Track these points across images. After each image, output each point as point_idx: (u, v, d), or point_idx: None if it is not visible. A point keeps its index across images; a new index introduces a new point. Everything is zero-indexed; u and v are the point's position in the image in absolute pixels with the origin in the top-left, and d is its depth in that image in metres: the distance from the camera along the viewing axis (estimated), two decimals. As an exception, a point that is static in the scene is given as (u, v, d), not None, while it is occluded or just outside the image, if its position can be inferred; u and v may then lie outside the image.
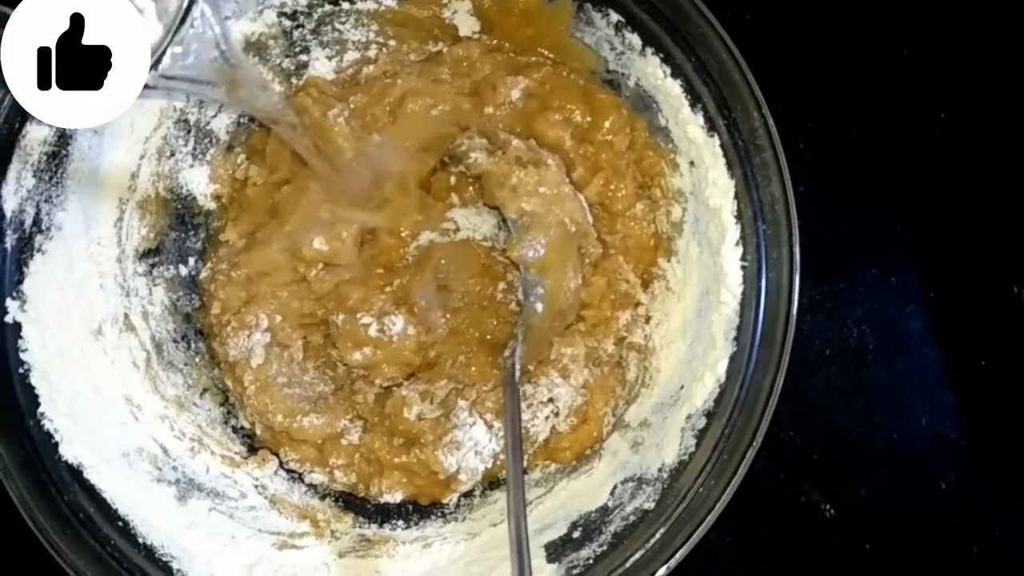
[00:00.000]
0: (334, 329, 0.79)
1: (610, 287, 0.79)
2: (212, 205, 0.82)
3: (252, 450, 0.80)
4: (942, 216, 0.87)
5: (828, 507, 0.85)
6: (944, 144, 0.87)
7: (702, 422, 0.71)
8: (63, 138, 0.70)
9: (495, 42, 0.81)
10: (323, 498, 0.79)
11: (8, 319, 0.68)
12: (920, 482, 0.85)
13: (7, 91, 0.65)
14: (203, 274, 0.81)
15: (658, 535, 0.68)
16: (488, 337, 0.79)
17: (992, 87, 0.87)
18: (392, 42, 0.82)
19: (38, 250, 0.70)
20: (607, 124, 0.78)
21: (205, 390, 0.80)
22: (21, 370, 0.68)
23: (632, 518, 0.71)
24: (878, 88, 0.87)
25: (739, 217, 0.71)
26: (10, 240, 0.68)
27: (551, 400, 0.78)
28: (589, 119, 0.78)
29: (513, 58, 0.80)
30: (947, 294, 0.87)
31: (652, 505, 0.70)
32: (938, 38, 0.87)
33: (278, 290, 0.79)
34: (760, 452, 0.67)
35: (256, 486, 0.78)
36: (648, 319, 0.79)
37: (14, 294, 0.68)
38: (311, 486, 0.80)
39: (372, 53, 0.82)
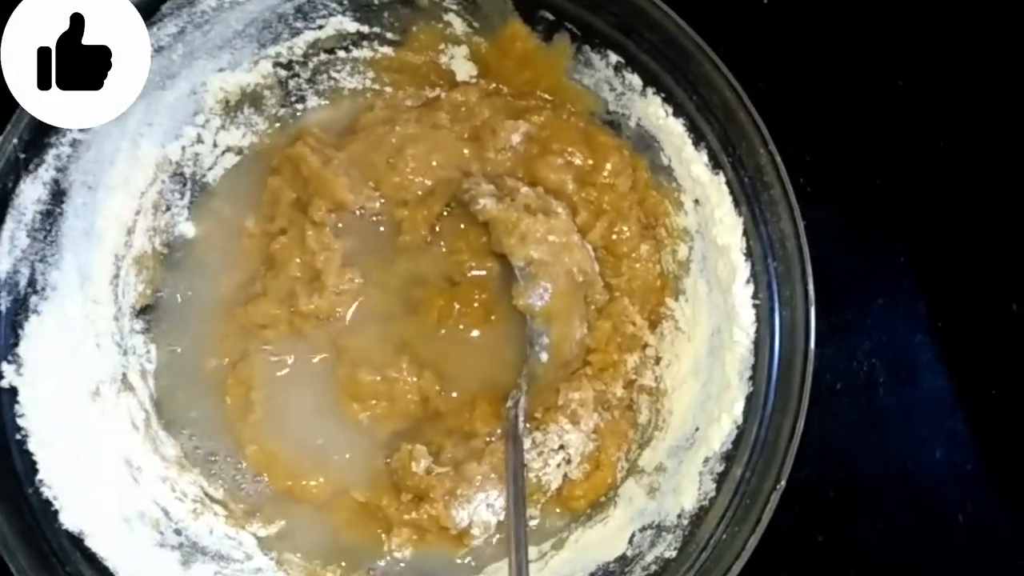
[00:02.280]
0: (334, 383, 0.77)
1: (616, 330, 0.78)
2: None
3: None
4: (946, 244, 0.87)
5: (847, 545, 0.83)
6: (944, 173, 0.87)
7: (721, 465, 0.69)
8: (57, 195, 0.68)
9: (493, 86, 0.80)
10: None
11: (4, 383, 0.65)
12: (937, 515, 0.84)
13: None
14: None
15: (682, 584, 0.66)
16: (490, 385, 0.78)
17: (990, 115, 0.87)
18: (388, 88, 0.81)
19: (33, 311, 0.68)
20: (609, 166, 0.77)
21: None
22: (18, 436, 0.65)
23: (654, 568, 0.69)
24: (875, 119, 0.87)
25: (749, 255, 0.70)
26: (4, 302, 0.66)
27: (562, 447, 0.77)
28: (591, 162, 0.78)
29: (512, 102, 0.79)
30: (955, 323, 0.86)
31: (674, 554, 0.68)
32: (933, 68, 0.88)
33: (276, 343, 0.77)
34: (774, 491, 0.66)
35: (261, 547, 0.76)
36: (658, 360, 0.78)
37: (9, 358, 0.66)
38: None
39: (368, 100, 0.81)
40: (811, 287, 0.66)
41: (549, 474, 0.77)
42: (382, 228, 0.79)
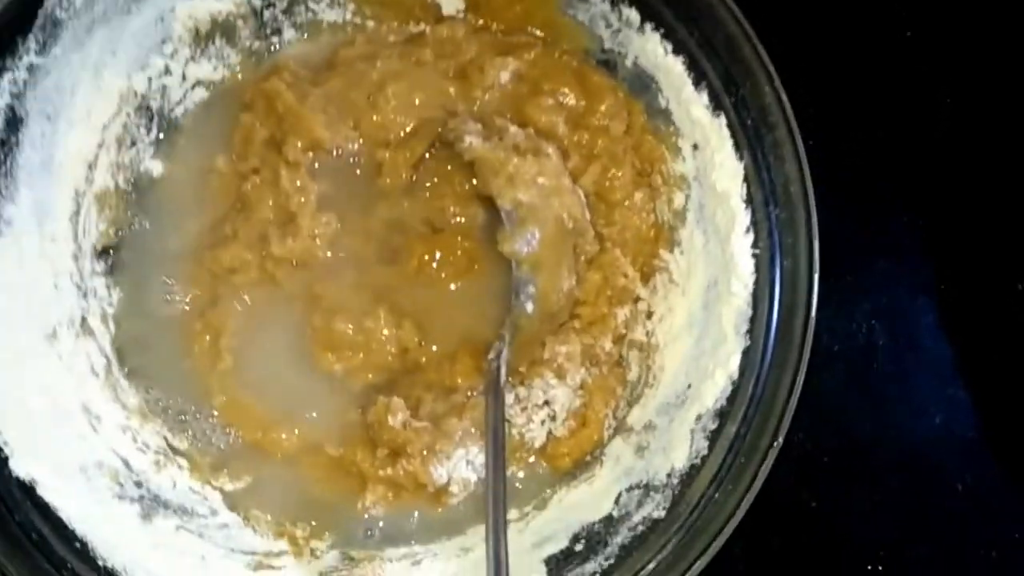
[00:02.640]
0: (308, 332, 0.73)
1: (606, 282, 0.74)
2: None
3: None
4: (951, 205, 0.83)
5: (841, 512, 0.80)
6: (952, 132, 0.84)
7: (714, 423, 0.66)
8: (12, 124, 0.64)
9: (481, 22, 0.76)
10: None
11: (-49, 322, 0.61)
12: (936, 484, 0.81)
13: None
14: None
15: (671, 546, 0.63)
16: (472, 338, 0.74)
17: (1000, 75, 0.84)
18: (370, 22, 0.77)
19: (-15, 246, 0.63)
20: (603, 108, 0.73)
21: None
22: (-34, 377, 0.61)
23: (641, 528, 0.65)
24: (883, 75, 0.83)
25: (749, 202, 0.66)
26: (-47, 234, 0.62)
27: (547, 403, 0.73)
28: (583, 103, 0.74)
29: (501, 38, 0.75)
30: (958, 286, 0.83)
31: (662, 514, 0.65)
32: (943, 21, 0.84)
33: (246, 289, 0.73)
34: (767, 456, 0.63)
35: (228, 503, 0.72)
36: (650, 315, 0.74)
37: (-43, 294, 0.62)
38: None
39: (348, 35, 0.77)
40: (815, 233, 0.62)
41: (533, 431, 0.73)
42: (360, 171, 0.75)
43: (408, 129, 0.74)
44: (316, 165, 0.74)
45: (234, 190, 0.74)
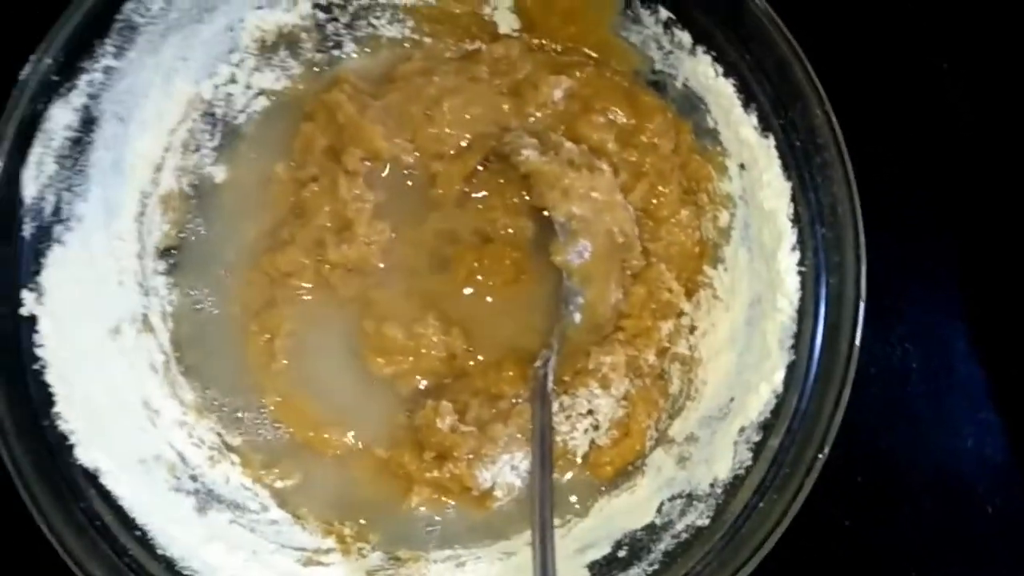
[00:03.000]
0: (359, 336, 0.75)
1: (651, 296, 0.76)
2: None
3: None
4: (986, 231, 0.85)
5: (873, 531, 0.81)
6: (989, 160, 0.85)
7: (758, 435, 0.67)
8: (88, 123, 0.66)
9: (536, 41, 0.78)
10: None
11: (24, 311, 0.63)
12: (966, 505, 0.82)
13: (31, 69, 0.63)
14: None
15: (715, 552, 0.64)
16: (517, 347, 0.76)
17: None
18: (428, 39, 0.79)
19: (56, 241, 0.66)
20: (651, 127, 0.75)
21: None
22: (36, 366, 0.63)
23: (684, 536, 0.67)
24: (925, 104, 0.85)
25: (796, 221, 0.68)
26: (28, 228, 0.64)
27: (590, 412, 0.75)
28: (633, 122, 0.76)
29: (555, 57, 0.77)
30: (991, 312, 0.84)
31: (707, 522, 0.66)
32: (984, 50, 0.86)
33: (301, 293, 0.75)
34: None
35: (277, 500, 0.73)
36: (693, 329, 0.76)
37: (31, 285, 0.64)
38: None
39: (407, 51, 0.79)
40: (863, 252, 0.64)
41: (576, 439, 0.75)
42: (414, 182, 0.77)
43: (462, 143, 0.76)
44: (373, 175, 0.76)
45: (292, 196, 0.76)
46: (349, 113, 0.74)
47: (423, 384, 0.75)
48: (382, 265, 0.76)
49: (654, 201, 0.76)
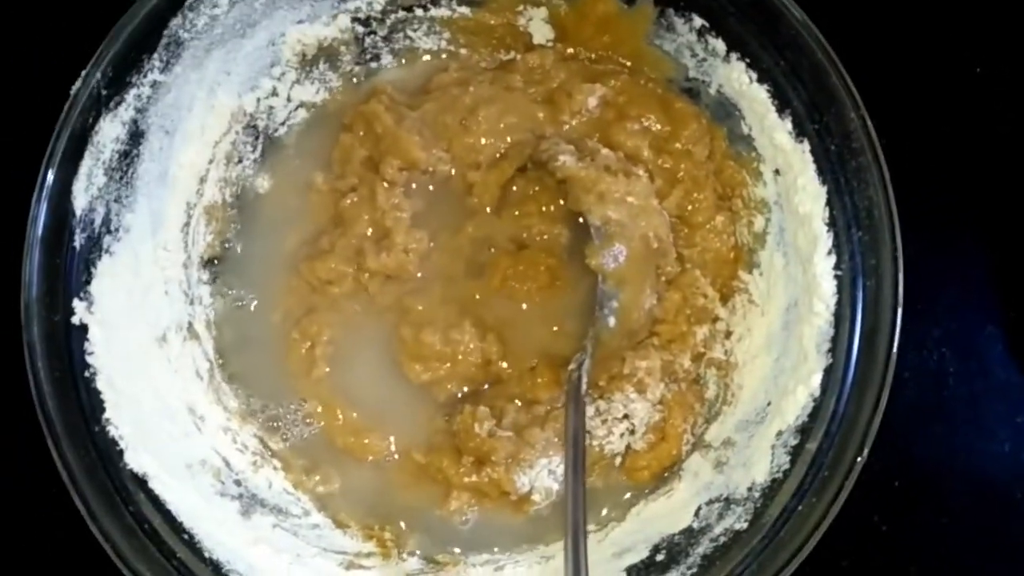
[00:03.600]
0: (397, 343, 0.76)
1: (686, 302, 0.76)
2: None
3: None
4: (1020, 234, 0.85)
5: (910, 535, 0.81)
6: (1020, 159, 0.85)
7: (795, 439, 0.67)
8: (135, 136, 0.68)
9: (570, 51, 0.79)
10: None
11: (75, 320, 0.65)
12: (1003, 510, 0.82)
13: (81, 84, 0.65)
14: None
15: (754, 555, 0.64)
16: (552, 352, 0.76)
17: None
18: (464, 51, 0.80)
19: (106, 251, 0.67)
20: (686, 134, 0.76)
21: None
22: (87, 373, 0.65)
23: (723, 539, 0.67)
24: (961, 109, 0.85)
25: (832, 225, 0.68)
26: (79, 239, 0.66)
27: (626, 416, 0.75)
28: (667, 129, 0.76)
29: (589, 66, 0.78)
30: (1027, 316, 0.84)
31: (745, 525, 0.67)
32: (1011, 46, 0.86)
33: (340, 301, 0.77)
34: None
35: (318, 504, 0.75)
36: (729, 334, 0.76)
37: (81, 295, 0.66)
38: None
39: (443, 62, 0.80)
40: (900, 254, 0.64)
41: (612, 443, 0.75)
42: (451, 191, 0.78)
43: (498, 152, 0.77)
44: (411, 184, 0.77)
45: (332, 206, 0.78)
46: (387, 124, 0.75)
47: (460, 390, 0.76)
48: (420, 273, 0.77)
49: (689, 207, 0.76)
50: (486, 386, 0.77)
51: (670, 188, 0.76)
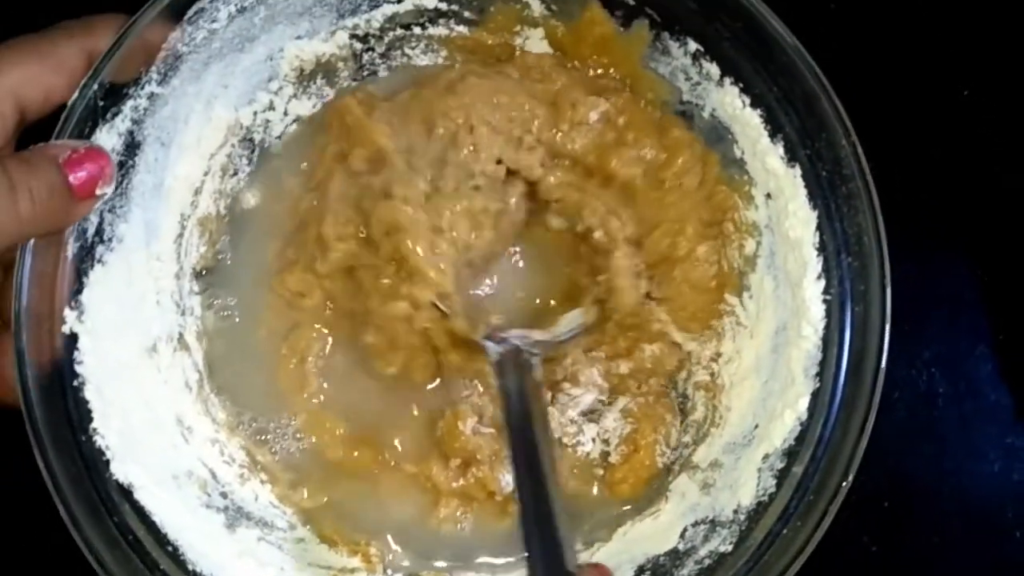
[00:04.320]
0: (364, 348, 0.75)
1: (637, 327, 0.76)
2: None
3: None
4: (1010, 255, 0.85)
5: (900, 556, 0.81)
6: (1011, 183, 0.86)
7: (782, 462, 0.68)
8: (131, 147, 0.68)
9: (573, 62, 0.78)
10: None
11: (65, 329, 0.65)
12: (993, 531, 0.82)
13: (78, 95, 0.65)
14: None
15: (739, 578, 0.64)
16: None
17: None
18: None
19: (98, 261, 0.67)
20: (680, 162, 0.75)
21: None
22: (75, 383, 0.65)
23: (708, 562, 0.67)
24: (939, 126, 0.86)
25: (821, 250, 0.69)
26: (71, 248, 0.65)
27: (592, 416, 0.76)
28: (663, 156, 0.76)
29: (589, 77, 0.77)
30: (1017, 336, 0.84)
31: (730, 548, 0.67)
32: (1001, 75, 0.86)
33: (317, 313, 0.76)
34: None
35: (304, 519, 0.75)
36: (718, 356, 0.77)
37: (72, 304, 0.65)
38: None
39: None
40: (888, 281, 0.64)
41: (585, 445, 0.76)
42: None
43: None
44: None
45: (298, 211, 0.77)
46: (356, 115, 0.73)
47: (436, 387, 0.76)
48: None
49: (668, 242, 0.76)
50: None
51: (652, 228, 0.75)
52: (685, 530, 0.71)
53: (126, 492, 0.65)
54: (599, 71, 0.78)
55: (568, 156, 0.75)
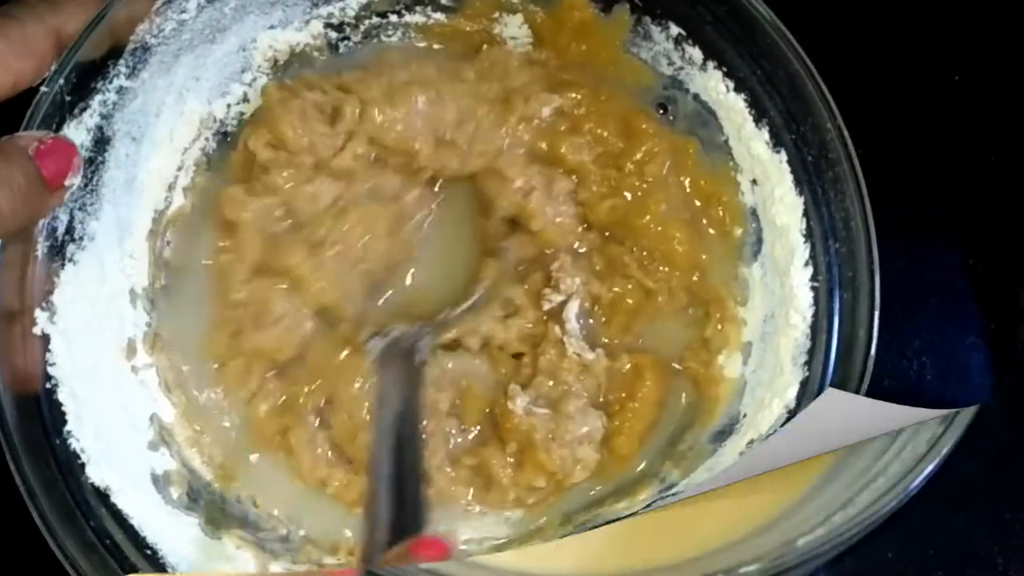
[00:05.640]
0: None
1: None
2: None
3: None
4: (1001, 245, 0.84)
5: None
6: (999, 168, 0.84)
7: (769, 450, 0.67)
8: (101, 143, 0.67)
9: (543, 56, 0.77)
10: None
11: (36, 331, 0.63)
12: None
13: (45, 88, 0.63)
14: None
15: (728, 570, 0.63)
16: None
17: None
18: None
19: (69, 260, 0.66)
20: (641, 152, 0.73)
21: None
22: (48, 385, 0.63)
23: (696, 553, 0.66)
24: (927, 111, 0.85)
25: (809, 236, 0.68)
26: (42, 247, 0.64)
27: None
28: (621, 146, 0.74)
29: (553, 74, 0.75)
30: (1008, 325, 0.84)
31: (718, 537, 0.66)
32: (991, 63, 0.85)
33: None
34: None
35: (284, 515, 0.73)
36: (705, 343, 0.75)
37: (43, 305, 0.64)
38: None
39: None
40: (876, 267, 0.64)
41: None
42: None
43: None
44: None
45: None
46: (270, 101, 0.70)
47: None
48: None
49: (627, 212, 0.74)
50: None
51: (599, 201, 0.74)
52: (673, 520, 0.70)
53: (103, 496, 0.64)
54: (579, 61, 0.76)
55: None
